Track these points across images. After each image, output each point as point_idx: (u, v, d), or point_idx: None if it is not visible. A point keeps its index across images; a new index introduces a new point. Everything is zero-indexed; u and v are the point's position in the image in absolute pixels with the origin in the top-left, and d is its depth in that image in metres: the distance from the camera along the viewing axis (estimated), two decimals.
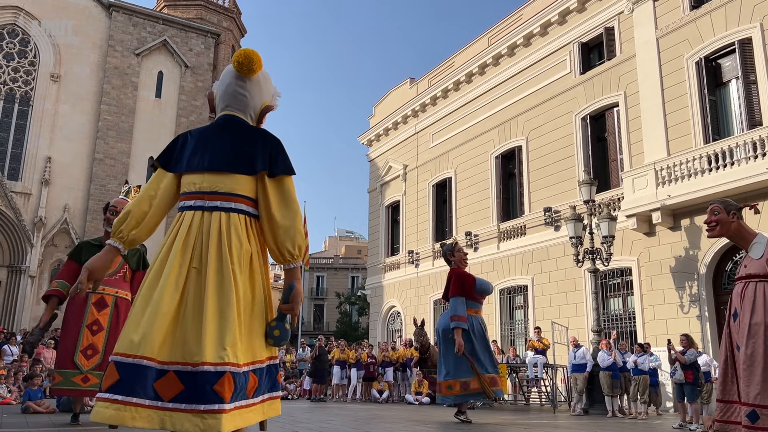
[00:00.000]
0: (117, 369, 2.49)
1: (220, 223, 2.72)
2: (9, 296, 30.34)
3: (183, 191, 2.81)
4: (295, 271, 2.84)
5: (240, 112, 2.95)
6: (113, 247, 2.77)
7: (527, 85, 19.63)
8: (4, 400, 11.82)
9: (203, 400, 2.47)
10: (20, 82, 32.80)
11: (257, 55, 2.88)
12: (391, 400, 16.02)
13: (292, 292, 2.80)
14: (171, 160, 2.85)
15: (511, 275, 19.16)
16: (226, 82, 2.96)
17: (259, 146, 2.84)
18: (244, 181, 2.80)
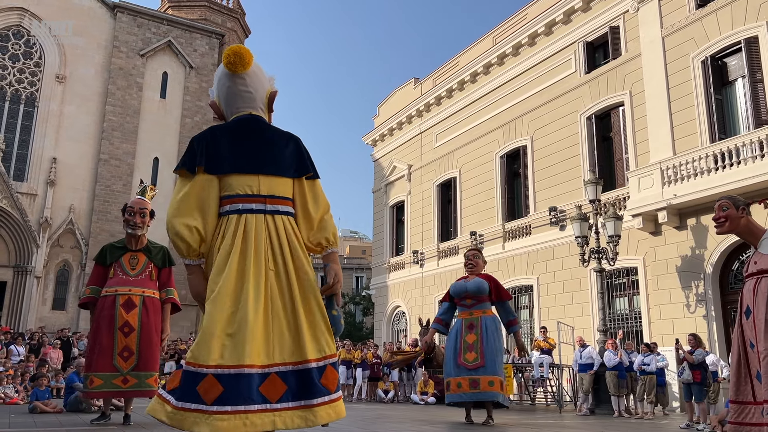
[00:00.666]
0: (219, 381, 2.49)
1: (284, 226, 2.79)
2: (15, 297, 30.42)
3: (234, 193, 2.76)
4: (332, 255, 2.96)
5: (254, 109, 2.96)
6: (196, 266, 2.77)
7: (532, 85, 19.60)
8: (12, 400, 11.86)
9: (312, 395, 2.58)
10: (26, 83, 32.90)
11: (244, 48, 2.89)
12: (396, 399, 16.02)
13: (328, 269, 2.89)
14: (215, 162, 2.78)
15: (516, 275, 19.13)
16: (226, 86, 2.94)
17: (296, 150, 2.93)
18: (289, 184, 2.88)
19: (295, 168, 2.88)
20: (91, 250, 31.85)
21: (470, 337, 7.86)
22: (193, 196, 2.71)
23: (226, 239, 2.68)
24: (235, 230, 2.69)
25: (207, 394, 2.47)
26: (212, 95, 3.07)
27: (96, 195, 32.75)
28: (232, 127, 2.87)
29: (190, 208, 2.69)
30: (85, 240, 32.13)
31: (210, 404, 2.46)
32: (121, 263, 6.13)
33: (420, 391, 15.17)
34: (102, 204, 32.71)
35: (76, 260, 32.05)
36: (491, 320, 7.86)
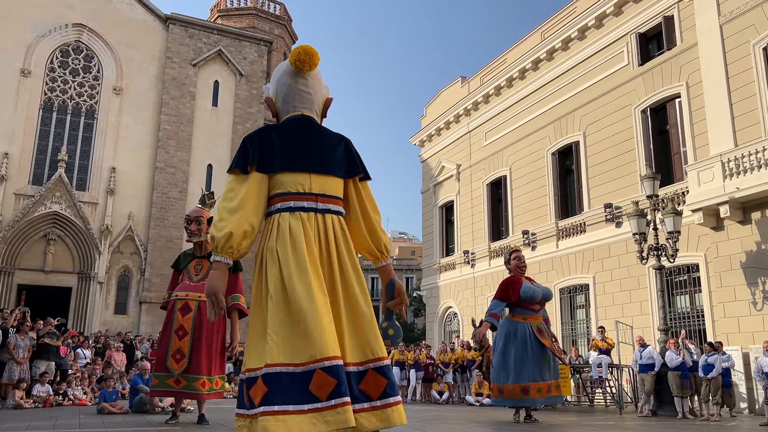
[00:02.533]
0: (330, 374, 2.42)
1: (334, 225, 2.77)
2: (80, 302, 31.66)
3: (286, 191, 2.74)
4: (389, 267, 2.95)
5: (309, 111, 2.96)
6: (225, 264, 2.69)
7: (583, 79, 19.21)
8: (81, 401, 12.32)
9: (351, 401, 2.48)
10: (85, 96, 34.21)
11: (314, 49, 2.89)
12: (451, 401, 15.94)
13: (396, 287, 2.88)
14: (268, 161, 2.77)
15: (571, 274, 18.77)
16: (286, 84, 2.94)
17: (346, 151, 2.92)
18: (340, 184, 2.87)
19: (346, 169, 2.88)
20: (150, 255, 32.88)
21: (546, 342, 7.83)
22: (243, 195, 2.69)
23: (280, 238, 2.65)
24: (287, 228, 2.67)
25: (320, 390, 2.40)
26: (267, 92, 3.08)
27: (153, 202, 33.77)
28: (284, 127, 2.88)
29: (240, 207, 2.66)
30: (144, 246, 33.17)
31: (326, 399, 2.40)
32: (188, 269, 6.39)
33: (475, 392, 15.05)
34: (159, 211, 33.71)
35: (136, 266, 33.10)
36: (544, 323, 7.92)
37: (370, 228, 2.89)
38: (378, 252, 2.92)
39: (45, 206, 31.17)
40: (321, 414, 2.38)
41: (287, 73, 2.95)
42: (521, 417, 8.00)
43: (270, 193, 2.76)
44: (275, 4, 46.49)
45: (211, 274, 2.67)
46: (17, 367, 11.96)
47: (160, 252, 33.10)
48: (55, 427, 7.09)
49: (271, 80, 3.08)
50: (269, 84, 3.08)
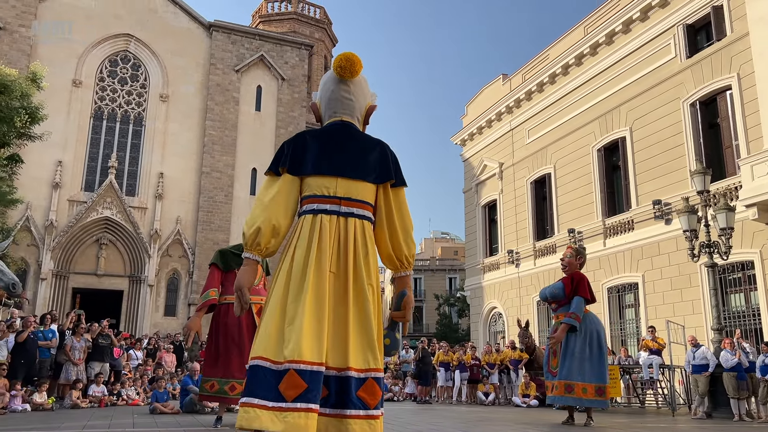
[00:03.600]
0: (302, 378, 2.46)
1: (355, 230, 2.77)
2: (131, 305, 32.59)
3: (312, 193, 2.80)
4: (407, 278, 2.92)
5: (350, 117, 2.99)
6: (254, 261, 2.76)
7: (629, 74, 18.77)
8: (134, 401, 12.65)
9: (347, 405, 2.51)
10: (133, 104, 35.19)
11: (357, 56, 2.92)
12: (497, 402, 15.78)
13: (404, 299, 2.86)
14: (298, 164, 2.83)
15: (619, 273, 18.36)
16: (329, 89, 2.99)
17: (381, 156, 2.91)
18: (370, 189, 2.86)
19: (378, 173, 2.87)
20: (198, 258, 33.59)
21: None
22: (273, 195, 2.76)
23: (300, 238, 2.72)
24: (308, 229, 2.72)
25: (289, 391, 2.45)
26: (315, 98, 3.13)
27: (200, 206, 34.51)
28: (320, 131, 2.93)
29: (269, 207, 2.73)
30: (192, 249, 33.91)
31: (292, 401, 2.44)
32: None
33: (522, 394, 14.86)
34: (206, 215, 34.42)
35: (184, 269, 33.87)
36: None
37: (394, 237, 2.87)
38: (398, 262, 2.89)
39: (97, 212, 32.20)
40: (282, 414, 2.41)
41: (331, 79, 3.00)
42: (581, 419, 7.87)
43: (301, 195, 2.83)
44: (315, 8, 46.93)
45: (240, 270, 2.75)
46: (74, 368, 12.37)
47: (207, 255, 33.74)
48: (110, 426, 7.30)
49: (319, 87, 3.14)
50: (317, 91, 3.15)
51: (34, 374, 11.80)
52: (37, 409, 10.86)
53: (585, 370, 7.41)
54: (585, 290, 7.66)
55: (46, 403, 11.18)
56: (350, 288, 2.67)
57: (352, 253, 2.72)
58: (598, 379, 7.44)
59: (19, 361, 11.59)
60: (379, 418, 2.57)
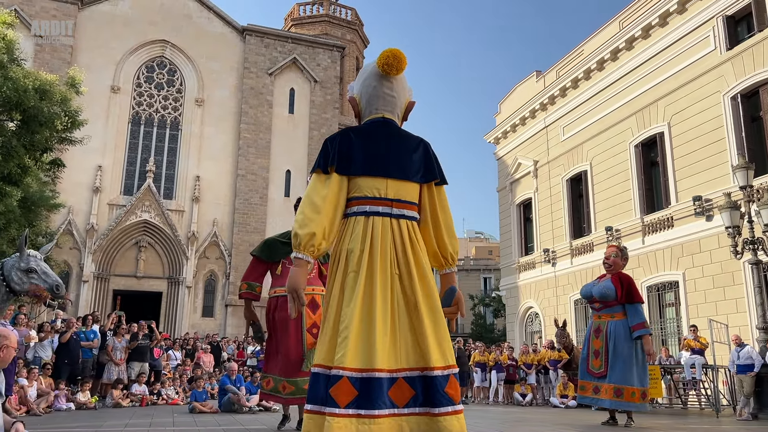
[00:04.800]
0: (353, 384, 2.48)
1: (408, 230, 2.78)
2: (170, 306, 33.20)
3: (362, 195, 2.79)
4: (453, 275, 2.94)
5: (390, 113, 2.98)
6: (306, 261, 2.71)
7: (666, 68, 18.35)
8: (173, 400, 12.87)
9: (437, 403, 2.53)
10: (170, 109, 35.85)
11: (403, 53, 2.89)
12: (534, 402, 15.61)
13: (456, 296, 2.87)
14: (347, 163, 2.82)
15: (659, 271, 17.97)
16: (372, 85, 2.96)
17: (425, 155, 2.92)
18: (415, 189, 2.88)
19: (423, 173, 2.87)
20: (234, 260, 34.04)
21: (596, 343, 7.61)
22: (323, 195, 2.74)
23: (353, 241, 2.70)
24: (361, 232, 2.71)
25: (341, 397, 2.46)
26: (351, 91, 3.09)
27: (236, 208, 34.97)
28: (364, 130, 2.90)
29: (321, 207, 2.71)
30: (228, 251, 34.37)
31: (344, 407, 2.45)
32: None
33: (560, 394, 14.66)
34: (242, 216, 34.86)
35: (221, 270, 34.36)
36: (621, 325, 7.47)
37: (438, 234, 2.88)
38: (443, 259, 2.90)
39: (136, 215, 32.89)
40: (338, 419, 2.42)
41: (373, 75, 2.96)
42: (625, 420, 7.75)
43: (348, 195, 2.80)
44: (346, 9, 47.12)
45: (293, 270, 2.72)
46: (115, 368, 12.66)
47: (243, 256, 34.19)
48: (151, 425, 7.43)
49: (356, 80, 3.10)
50: (353, 83, 3.10)
51: (77, 374, 12.10)
52: (80, 408, 11.13)
53: (634, 374, 7.32)
54: (639, 294, 7.63)
55: (90, 401, 11.45)
56: (417, 288, 2.68)
57: (412, 254, 2.73)
58: (643, 382, 7.37)
59: (62, 361, 11.91)
60: (462, 413, 2.61)
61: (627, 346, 7.35)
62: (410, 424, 2.52)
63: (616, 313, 7.52)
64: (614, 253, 7.81)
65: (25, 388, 9.75)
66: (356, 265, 2.65)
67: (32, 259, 5.64)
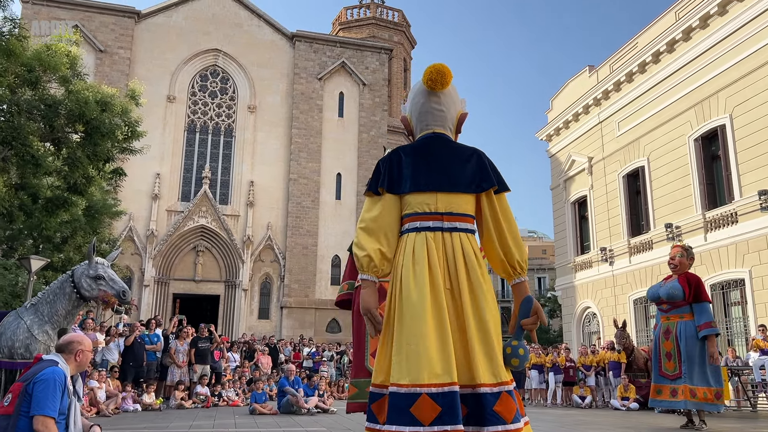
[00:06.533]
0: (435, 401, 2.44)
1: (461, 244, 2.75)
2: (227, 309, 33.96)
3: (413, 211, 2.79)
4: (525, 284, 2.88)
5: (442, 128, 2.98)
6: (372, 282, 2.76)
7: (726, 58, 17.67)
8: (234, 402, 13.15)
9: (485, 422, 2.48)
10: (223, 116, 36.70)
11: (446, 67, 2.89)
12: (594, 405, 15.27)
13: (534, 306, 2.81)
14: (397, 182, 2.83)
15: (723, 268, 17.31)
16: (420, 102, 2.97)
17: (478, 165, 2.88)
18: (470, 201, 2.85)
19: (477, 183, 2.84)
20: (288, 263, 34.58)
21: (667, 345, 7.43)
22: (377, 217, 2.76)
23: (406, 257, 2.71)
24: (414, 249, 2.71)
25: (424, 414, 2.42)
26: (404, 111, 3.13)
27: (289, 212, 35.52)
28: (415, 147, 2.91)
29: (375, 229, 2.74)
30: (282, 254, 34.93)
31: (428, 425, 2.41)
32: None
33: (620, 396, 14.29)
34: (294, 220, 35.38)
35: (276, 273, 34.94)
36: (691, 325, 7.28)
37: (503, 243, 2.83)
38: (510, 268, 2.85)
39: (193, 221, 33.79)
40: None
41: (420, 92, 2.98)
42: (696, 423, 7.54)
43: (402, 213, 2.82)
44: (393, 11, 47.22)
45: (363, 292, 2.76)
46: (178, 371, 13.02)
47: (297, 259, 34.71)
48: (214, 426, 7.62)
49: (407, 99, 3.13)
50: (406, 104, 3.13)
51: (141, 376, 12.51)
52: (146, 409, 11.50)
53: (707, 374, 7.12)
54: (706, 293, 7.44)
55: (155, 403, 11.82)
56: (466, 302, 2.65)
57: (463, 268, 2.70)
58: (717, 383, 7.17)
59: (128, 363, 12.34)
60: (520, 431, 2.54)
61: (699, 346, 7.18)
62: None
63: (685, 314, 7.33)
64: (679, 253, 7.61)
65: (95, 390, 10.14)
66: (413, 282, 2.65)
67: (100, 266, 5.87)
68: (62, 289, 5.77)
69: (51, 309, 5.70)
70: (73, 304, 5.78)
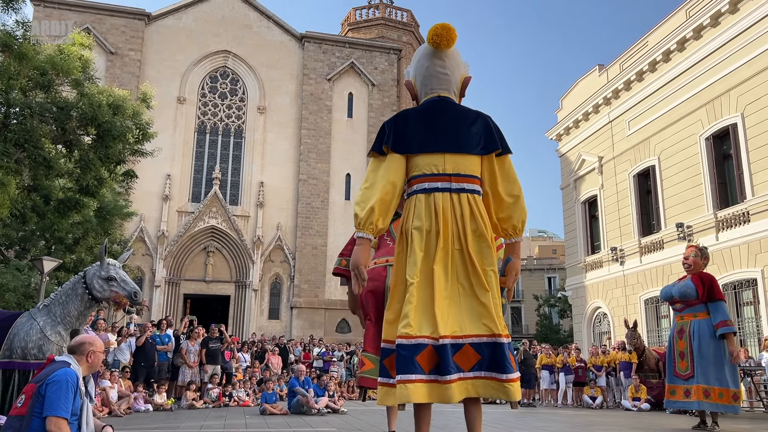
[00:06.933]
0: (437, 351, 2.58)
1: (469, 204, 2.81)
2: (237, 309, 34.09)
3: (421, 173, 2.83)
4: (516, 245, 2.95)
5: (446, 91, 3.00)
6: (368, 239, 2.80)
7: (738, 56, 17.55)
8: (244, 402, 13.20)
9: (505, 369, 2.62)
10: (233, 118, 36.85)
11: (450, 25, 2.91)
12: (605, 405, 15.21)
13: (508, 265, 2.91)
14: (402, 142, 2.86)
15: (734, 268, 17.19)
16: (424, 66, 3.00)
17: (483, 127, 2.92)
18: (476, 162, 2.89)
19: (483, 145, 2.87)
20: (298, 263, 34.66)
21: (681, 344, 7.39)
22: (380, 174, 2.80)
23: (415, 218, 2.76)
24: (424, 209, 2.76)
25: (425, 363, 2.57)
26: (408, 75, 3.14)
27: (298, 212, 35.61)
28: (420, 110, 2.94)
29: (375, 185, 2.78)
30: (292, 254, 35.02)
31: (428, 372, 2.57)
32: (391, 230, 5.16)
33: (632, 397, 14.23)
34: (304, 220, 35.46)
35: (286, 273, 35.03)
36: (705, 324, 7.21)
37: (499, 205, 2.90)
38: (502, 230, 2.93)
39: (203, 221, 33.94)
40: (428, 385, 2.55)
41: (425, 55, 3.01)
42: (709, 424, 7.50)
43: (408, 175, 2.86)
44: (402, 11, 47.19)
45: (355, 249, 2.80)
46: (189, 371, 13.09)
47: (306, 259, 34.78)
48: (225, 426, 7.66)
49: (411, 64, 3.14)
50: (409, 68, 3.14)
51: (152, 376, 12.58)
52: (158, 409, 11.56)
53: (724, 374, 7.06)
54: (721, 292, 7.38)
55: (166, 403, 11.89)
56: (476, 262, 2.73)
57: (470, 228, 2.77)
58: (734, 383, 7.09)
59: (139, 364, 12.42)
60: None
61: (713, 345, 7.11)
62: (476, 387, 2.61)
63: (699, 313, 7.28)
64: (694, 253, 7.57)
65: (107, 390, 10.21)
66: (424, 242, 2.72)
67: (112, 267, 5.91)
68: (74, 291, 5.82)
69: (63, 310, 5.75)
70: (85, 305, 5.83)
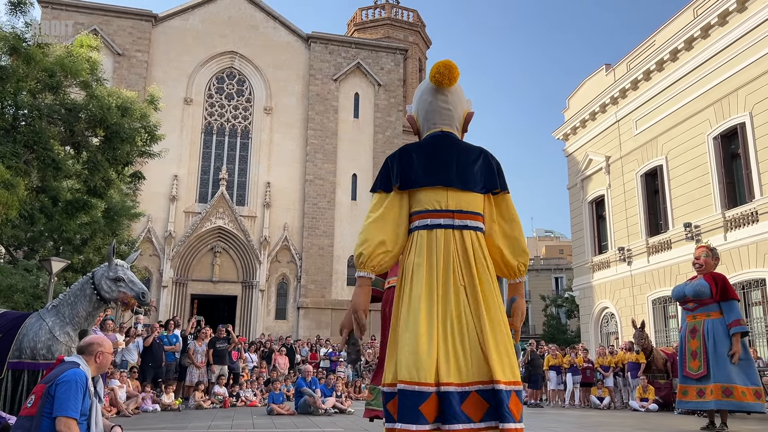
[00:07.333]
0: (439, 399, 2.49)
1: (472, 241, 2.76)
2: (244, 309, 34.15)
3: (423, 208, 2.80)
4: (519, 285, 2.91)
5: (449, 127, 2.99)
6: (368, 279, 2.77)
7: (746, 55, 17.46)
8: (252, 402, 13.23)
9: (501, 418, 2.50)
10: (240, 118, 36.92)
11: (453, 63, 2.91)
12: (612, 406, 15.16)
13: (514, 305, 2.86)
14: (406, 179, 2.84)
15: (743, 268, 17.10)
16: (427, 101, 2.99)
17: (485, 165, 2.90)
18: (479, 199, 2.86)
19: (484, 183, 2.85)
20: (304, 263, 34.70)
21: (693, 344, 7.34)
22: (383, 213, 2.77)
23: (417, 255, 2.71)
24: (425, 246, 2.71)
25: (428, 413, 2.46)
26: (410, 110, 3.14)
27: (305, 213, 35.64)
28: (423, 144, 2.93)
29: (382, 226, 2.75)
30: (299, 255, 35.07)
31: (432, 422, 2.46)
32: None
33: (639, 397, 14.17)
34: (311, 221, 35.49)
35: (292, 273, 35.08)
36: (719, 323, 7.18)
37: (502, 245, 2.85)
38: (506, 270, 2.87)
39: (210, 222, 34.02)
40: None
41: (428, 90, 3.00)
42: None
43: (410, 210, 2.83)
44: (408, 11, 47.18)
45: (355, 291, 2.78)
46: (196, 371, 13.13)
47: (313, 260, 34.82)
48: (232, 426, 7.68)
49: (413, 98, 3.15)
50: (412, 103, 3.14)
51: (160, 376, 12.63)
52: (165, 410, 11.61)
53: (743, 372, 7.03)
54: (734, 291, 7.38)
55: (174, 403, 11.93)
56: (480, 300, 2.66)
57: (475, 265, 2.72)
58: (755, 381, 7.05)
59: (147, 364, 12.46)
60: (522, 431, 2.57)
61: (728, 344, 7.08)
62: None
63: (712, 312, 7.25)
64: (704, 253, 7.55)
65: (115, 390, 10.26)
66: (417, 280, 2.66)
67: (119, 268, 5.94)
68: (83, 291, 5.85)
69: (72, 310, 5.78)
70: (93, 305, 5.86)
